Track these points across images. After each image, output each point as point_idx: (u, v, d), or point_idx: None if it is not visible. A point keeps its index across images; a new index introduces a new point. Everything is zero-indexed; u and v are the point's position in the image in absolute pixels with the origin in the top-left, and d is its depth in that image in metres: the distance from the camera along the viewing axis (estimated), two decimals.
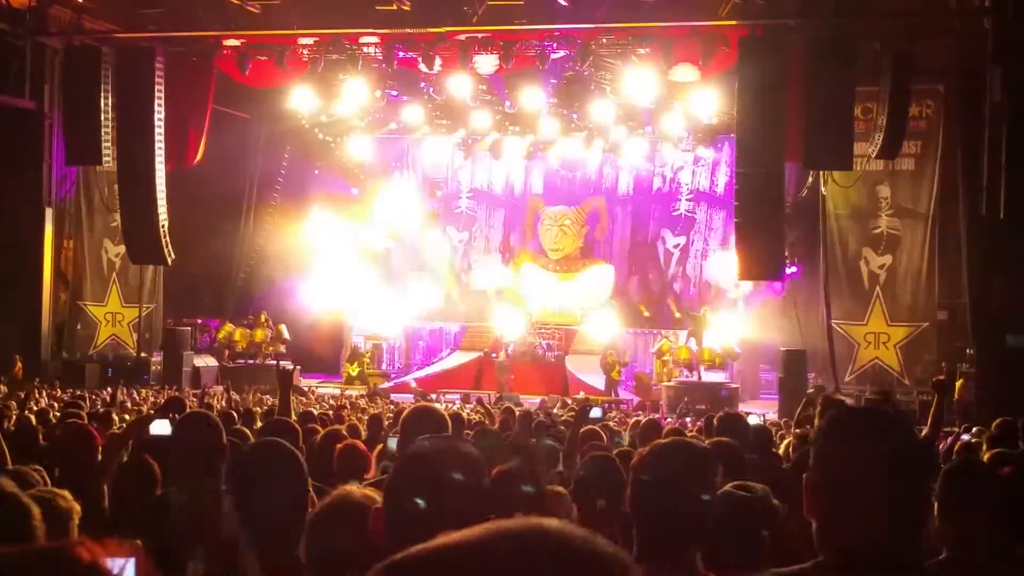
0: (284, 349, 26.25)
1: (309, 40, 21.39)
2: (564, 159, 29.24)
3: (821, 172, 21.26)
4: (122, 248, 23.57)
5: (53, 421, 9.56)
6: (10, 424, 9.21)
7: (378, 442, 6.36)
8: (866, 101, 19.93)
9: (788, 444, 8.45)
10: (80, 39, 22.23)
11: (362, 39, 21.26)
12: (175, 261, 22.32)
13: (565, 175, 29.98)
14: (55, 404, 13.71)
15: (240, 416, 9.05)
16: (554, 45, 20.48)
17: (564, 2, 19.09)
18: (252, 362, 25.46)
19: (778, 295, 24.88)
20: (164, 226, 21.70)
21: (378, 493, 2.57)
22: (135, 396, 17.90)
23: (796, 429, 9.17)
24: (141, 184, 21.61)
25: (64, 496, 3.67)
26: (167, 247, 21.82)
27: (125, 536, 3.99)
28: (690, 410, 19.99)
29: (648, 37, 19.86)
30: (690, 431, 9.80)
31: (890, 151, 19.80)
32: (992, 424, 8.98)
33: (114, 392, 15.61)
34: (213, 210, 25.50)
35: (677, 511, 2.97)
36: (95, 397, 15.88)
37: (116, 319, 24.66)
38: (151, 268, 23.86)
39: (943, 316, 21.20)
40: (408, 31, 20.65)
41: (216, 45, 21.68)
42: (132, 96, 21.54)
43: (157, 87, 21.36)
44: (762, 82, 18.79)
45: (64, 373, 22.41)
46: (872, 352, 21.44)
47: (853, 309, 21.61)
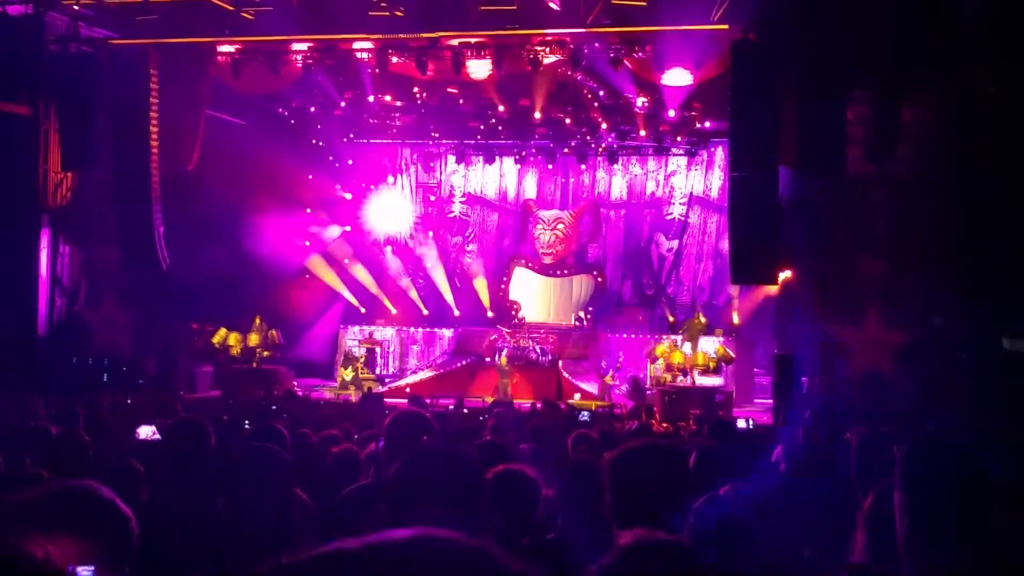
0: (278, 354, 26.27)
1: (303, 46, 21.44)
2: (557, 164, 29.35)
3: (814, 176, 21.28)
4: (118, 253, 23.57)
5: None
6: None
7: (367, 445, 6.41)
8: (858, 104, 19.95)
9: None
10: (76, 46, 22.25)
11: (355, 44, 21.31)
12: (170, 266, 22.34)
13: (558, 179, 30.08)
14: (52, 410, 13.69)
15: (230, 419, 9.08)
16: (546, 50, 20.51)
17: (555, 7, 19.10)
18: (246, 366, 25.45)
19: (772, 299, 24.91)
20: (159, 231, 21.72)
21: None
22: (129, 400, 17.90)
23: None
24: (137, 189, 21.64)
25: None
26: (162, 252, 21.85)
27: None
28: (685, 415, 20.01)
29: (640, 41, 19.91)
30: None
31: (883, 154, 19.83)
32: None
33: (105, 397, 15.61)
34: (208, 215, 25.50)
35: (654, 512, 3.00)
36: (89, 403, 15.87)
37: (111, 323, 24.64)
38: (147, 273, 23.85)
39: (939, 321, 21.21)
40: (401, 36, 20.69)
41: (211, 51, 21.73)
42: (128, 102, 21.57)
43: (152, 93, 21.42)
44: (755, 86, 18.83)
45: (60, 378, 22.37)
46: (868, 357, 21.45)
47: (847, 314, 21.62)
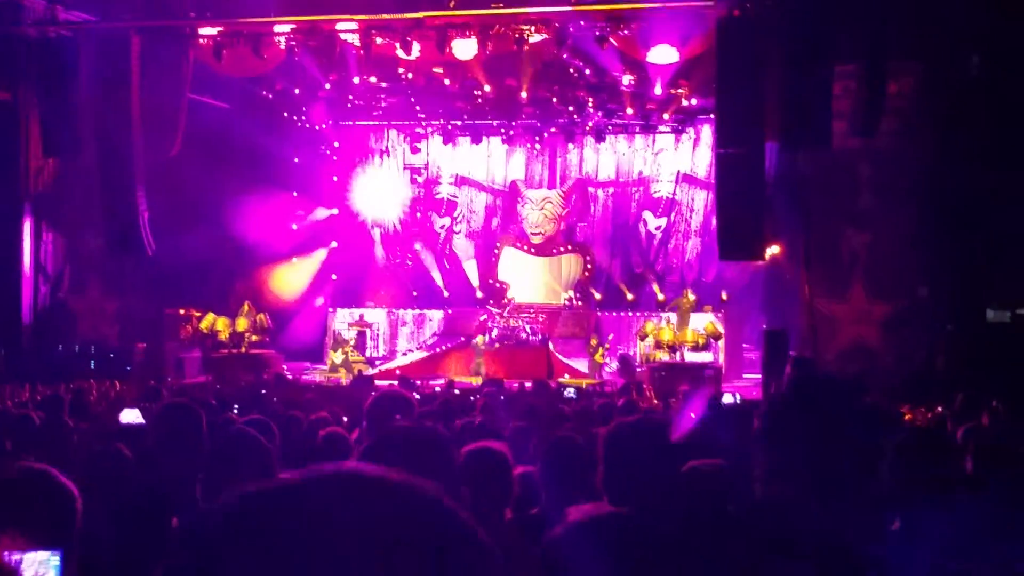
0: (267, 338, 26.23)
1: (286, 27, 21.31)
2: (544, 143, 29.33)
3: (800, 151, 21.30)
4: (101, 239, 23.46)
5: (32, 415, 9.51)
6: None
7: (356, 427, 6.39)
8: (844, 79, 19.94)
9: None
10: (55, 30, 22.07)
11: (339, 26, 21.20)
12: (156, 251, 22.24)
13: (545, 159, 30.05)
14: (37, 397, 13.67)
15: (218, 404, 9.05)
16: (532, 29, 20.43)
17: None
18: (235, 351, 25.40)
19: (760, 274, 24.97)
20: (144, 216, 21.61)
21: None
22: (117, 387, 17.86)
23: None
24: (120, 175, 21.48)
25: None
26: (147, 238, 21.73)
27: (97, 526, 3.99)
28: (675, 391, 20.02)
29: (625, 19, 19.84)
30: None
31: (868, 129, 19.85)
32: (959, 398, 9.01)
33: (91, 384, 15.58)
34: (193, 199, 25.40)
35: (645, 486, 3.02)
36: (76, 389, 15.83)
37: (96, 311, 24.57)
38: (131, 258, 23.76)
39: (923, 292, 21.30)
40: (385, 17, 20.58)
41: (192, 34, 21.57)
42: (108, 86, 21.39)
43: (134, 77, 21.26)
44: (741, 63, 18.79)
45: (46, 366, 22.31)
46: (854, 329, 21.53)
47: (834, 287, 21.70)
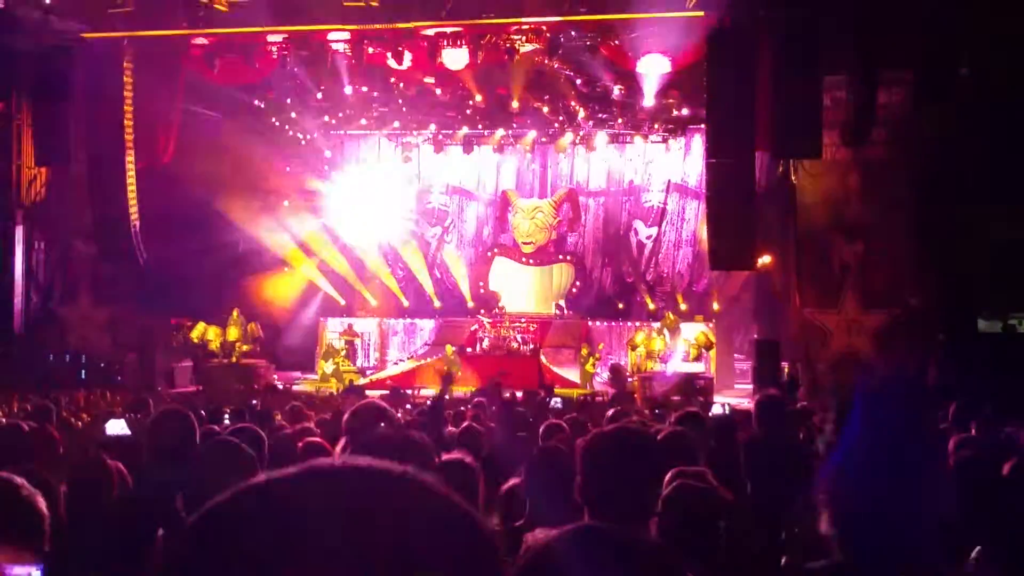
0: (258, 347, 26.18)
1: (278, 37, 21.32)
2: (535, 152, 29.37)
3: (791, 160, 21.36)
4: (93, 248, 23.44)
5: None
6: None
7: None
8: (834, 89, 20.01)
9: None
10: (48, 39, 22.07)
11: (331, 35, 21.22)
12: (147, 260, 22.22)
13: (536, 168, 30.08)
14: (28, 407, 13.62)
15: (207, 413, 9.03)
16: (523, 39, 20.46)
17: None
18: (226, 361, 25.36)
19: (750, 284, 25.02)
20: (135, 225, 21.61)
21: None
22: (107, 397, 17.82)
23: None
24: (112, 184, 21.51)
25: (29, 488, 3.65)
26: (139, 246, 21.73)
27: (81, 538, 3.99)
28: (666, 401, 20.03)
29: (616, 29, 19.88)
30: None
31: (859, 138, 19.91)
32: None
33: (81, 394, 15.54)
34: (184, 209, 25.38)
35: (625, 496, 3.02)
36: (67, 399, 15.79)
37: (88, 320, 24.51)
38: (123, 267, 23.72)
39: (915, 302, 21.31)
40: (377, 27, 20.60)
41: (185, 43, 21.58)
42: (101, 96, 21.43)
43: (126, 86, 21.28)
44: (731, 73, 18.85)
45: (37, 375, 22.25)
46: (846, 339, 21.54)
47: (826, 297, 21.71)
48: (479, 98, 25.08)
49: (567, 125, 27.53)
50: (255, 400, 16.58)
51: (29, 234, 24.26)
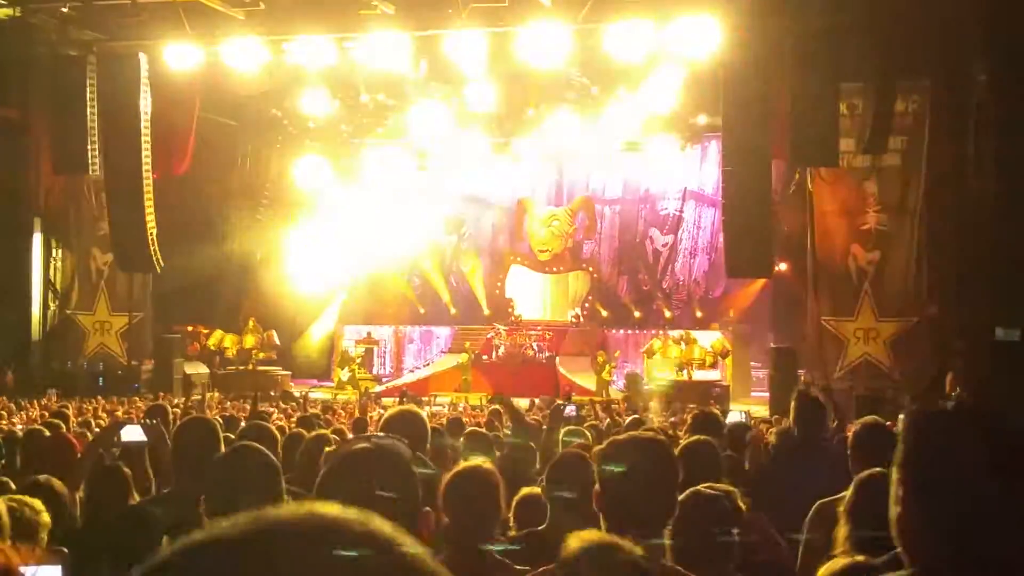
0: (274, 355, 26.24)
1: (294, 45, 21.33)
2: (551, 160, 29.34)
3: (808, 168, 21.30)
4: (110, 256, 23.54)
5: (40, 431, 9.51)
6: None
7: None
8: (851, 97, 19.97)
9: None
10: (65, 48, 22.21)
11: (347, 43, 21.24)
12: (164, 268, 22.30)
13: (552, 177, 30.08)
14: (45, 414, 13.67)
15: (224, 422, 9.03)
16: (539, 45, 20.41)
17: (547, 3, 19.03)
18: (242, 368, 25.41)
19: (767, 292, 24.97)
20: (153, 234, 21.67)
21: None
22: (125, 403, 17.85)
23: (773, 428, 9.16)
24: (129, 192, 21.57)
25: (32, 506, 3.66)
26: (156, 254, 21.78)
27: (97, 546, 3.99)
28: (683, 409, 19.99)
29: (632, 36, 19.80)
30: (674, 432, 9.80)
31: (876, 146, 19.85)
32: None
33: (99, 401, 15.58)
34: (202, 217, 25.48)
35: (640, 504, 3.01)
36: (84, 407, 15.85)
37: (104, 328, 24.59)
38: (140, 276, 23.82)
39: (933, 310, 21.20)
40: (395, 33, 20.57)
41: (200, 52, 21.61)
42: (118, 104, 21.51)
43: (142, 95, 21.36)
44: (747, 80, 18.83)
45: (55, 383, 22.35)
46: (862, 348, 21.44)
47: (842, 305, 21.61)
48: (495, 106, 25.04)
49: (583, 133, 27.47)
50: (270, 406, 16.59)
51: (47, 242, 24.39)
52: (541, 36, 19.85)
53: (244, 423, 9.66)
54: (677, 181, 28.93)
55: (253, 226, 27.80)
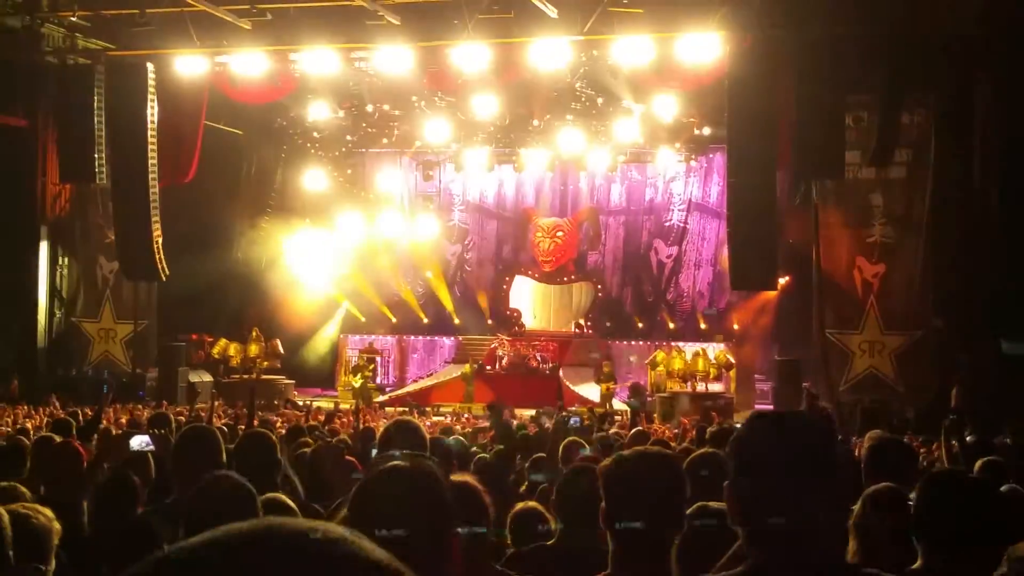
0: (279, 364, 26.23)
1: (300, 55, 21.41)
2: (556, 171, 29.37)
3: (813, 181, 21.28)
4: (116, 264, 23.57)
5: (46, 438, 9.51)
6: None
7: (368, 455, 6.38)
8: (857, 109, 19.97)
9: None
10: (73, 57, 22.29)
11: (353, 54, 21.32)
12: (170, 277, 22.33)
13: (557, 187, 30.10)
14: (51, 421, 13.67)
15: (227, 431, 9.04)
16: (545, 57, 20.46)
17: (553, 15, 19.07)
18: (247, 377, 25.41)
19: (771, 304, 24.93)
20: (158, 242, 21.71)
21: None
22: (130, 412, 17.85)
23: None
24: (135, 201, 21.61)
25: (44, 514, 3.66)
26: (161, 263, 21.83)
27: (105, 554, 3.99)
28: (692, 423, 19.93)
29: (638, 48, 19.84)
30: (680, 444, 9.78)
31: (882, 159, 19.85)
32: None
33: (105, 409, 15.54)
34: (207, 226, 25.51)
35: (647, 520, 3.00)
36: (89, 414, 15.83)
37: (109, 335, 24.60)
38: (145, 284, 23.85)
39: (938, 324, 21.15)
40: (400, 46, 20.64)
41: (208, 62, 21.69)
42: (125, 113, 21.59)
43: (150, 104, 21.42)
44: (752, 92, 18.83)
45: (60, 390, 22.35)
46: (867, 361, 21.38)
47: (847, 318, 21.56)
48: (501, 116, 25.09)
49: (588, 143, 27.51)
50: (273, 416, 16.58)
51: (53, 249, 24.42)
52: (546, 48, 19.91)
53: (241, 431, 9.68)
54: (682, 193, 28.95)
55: (258, 235, 27.82)
